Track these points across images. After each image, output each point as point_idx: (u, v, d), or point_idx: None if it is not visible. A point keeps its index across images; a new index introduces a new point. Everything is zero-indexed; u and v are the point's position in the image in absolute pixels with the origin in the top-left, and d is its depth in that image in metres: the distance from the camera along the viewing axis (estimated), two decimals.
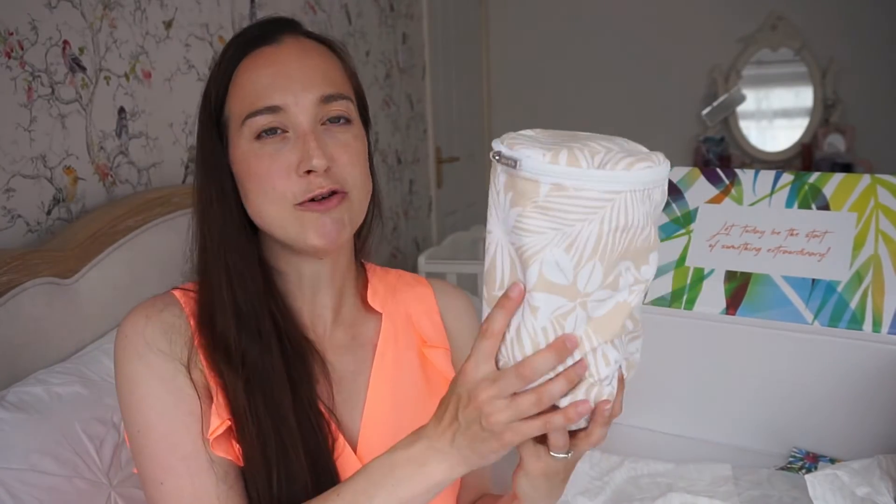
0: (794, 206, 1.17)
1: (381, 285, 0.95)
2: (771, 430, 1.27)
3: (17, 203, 1.28)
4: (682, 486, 1.18)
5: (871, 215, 1.12)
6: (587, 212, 0.60)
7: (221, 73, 0.82)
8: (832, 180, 1.17)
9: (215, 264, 0.82)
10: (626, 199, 0.61)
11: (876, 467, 1.03)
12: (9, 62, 1.26)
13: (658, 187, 0.63)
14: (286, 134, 0.79)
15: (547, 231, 0.61)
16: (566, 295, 0.62)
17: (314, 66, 0.81)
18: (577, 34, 3.78)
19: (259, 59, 0.81)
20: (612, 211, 0.61)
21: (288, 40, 0.82)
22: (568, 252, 0.61)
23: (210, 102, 0.83)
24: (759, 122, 3.68)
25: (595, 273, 0.62)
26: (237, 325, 0.80)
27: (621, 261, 0.63)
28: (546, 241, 0.61)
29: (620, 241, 0.62)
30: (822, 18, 3.44)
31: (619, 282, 0.64)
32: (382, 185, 2.89)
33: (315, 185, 0.78)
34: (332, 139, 0.80)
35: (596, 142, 0.63)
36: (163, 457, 0.76)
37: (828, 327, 1.06)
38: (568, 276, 0.62)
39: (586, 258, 0.61)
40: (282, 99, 0.79)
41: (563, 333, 0.62)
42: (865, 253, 1.09)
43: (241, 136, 0.80)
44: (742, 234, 1.17)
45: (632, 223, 0.62)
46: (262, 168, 0.79)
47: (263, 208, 0.80)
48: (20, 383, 1.09)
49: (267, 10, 2.06)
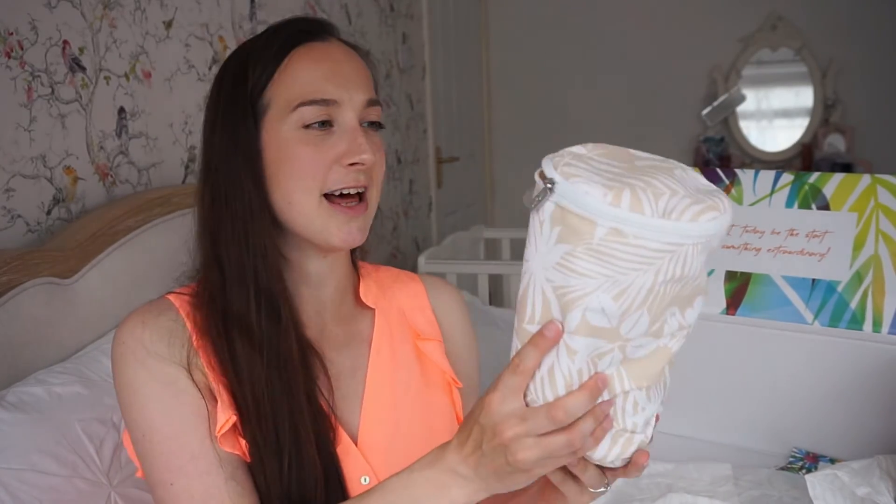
0: (794, 206, 1.17)
1: (374, 282, 0.96)
2: (771, 430, 1.27)
3: (17, 203, 1.28)
4: (681, 487, 1.18)
5: (872, 215, 1.11)
6: (644, 262, 0.56)
7: (269, 59, 0.83)
8: (832, 180, 1.17)
9: (237, 245, 0.81)
10: (686, 252, 0.57)
11: (876, 467, 1.03)
12: (9, 62, 1.26)
13: (719, 235, 0.59)
14: (332, 128, 0.82)
15: (597, 276, 0.57)
16: (607, 337, 0.59)
17: (361, 70, 0.86)
18: (577, 34, 3.78)
19: (313, 51, 0.83)
20: (669, 262, 0.57)
21: (333, 41, 0.86)
22: (616, 300, 0.57)
23: (247, 87, 0.83)
24: (759, 122, 3.68)
25: (641, 321, 0.59)
26: (257, 305, 0.80)
27: (668, 307, 0.60)
28: (595, 286, 0.57)
29: (671, 291, 0.59)
30: (822, 18, 3.44)
31: (664, 329, 0.61)
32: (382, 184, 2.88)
33: (353, 178, 0.81)
34: (369, 139, 0.83)
35: (658, 178, 0.59)
36: (170, 458, 0.76)
37: (828, 327, 1.06)
38: (612, 321, 0.58)
39: (635, 308, 0.58)
40: (337, 94, 0.81)
41: (595, 373, 0.60)
42: (865, 253, 1.09)
43: (284, 122, 0.81)
44: (742, 234, 1.17)
45: (687, 274, 0.58)
46: (307, 155, 0.80)
47: (295, 197, 0.81)
48: (20, 383, 1.09)
49: (267, 10, 2.07)
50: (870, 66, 3.41)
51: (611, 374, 0.60)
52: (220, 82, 0.85)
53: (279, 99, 0.82)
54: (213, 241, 0.83)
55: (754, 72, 3.59)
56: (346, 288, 0.92)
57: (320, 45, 0.84)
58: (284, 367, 0.80)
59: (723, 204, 0.58)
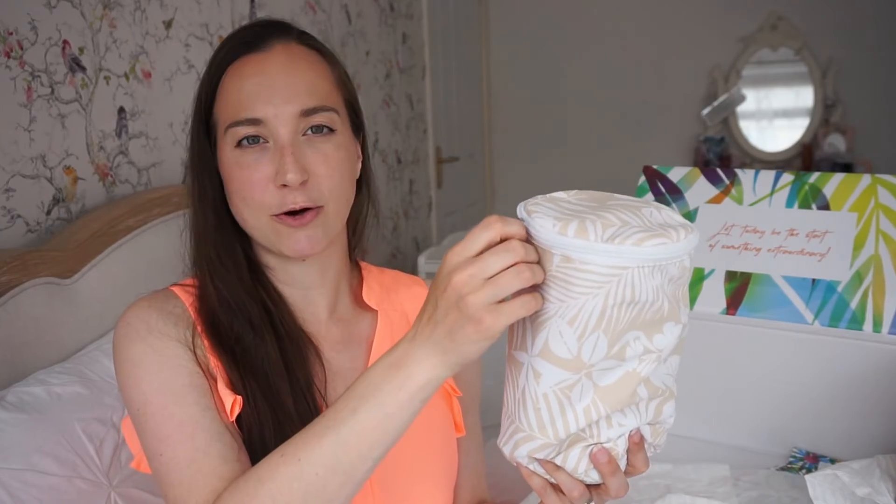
0: (795, 206, 1.17)
1: (377, 284, 0.95)
2: (771, 430, 1.27)
3: (17, 203, 1.28)
4: (680, 488, 1.18)
5: (872, 215, 1.11)
6: (592, 286, 0.60)
7: (210, 77, 0.85)
8: (832, 180, 1.17)
9: (200, 259, 0.85)
10: (632, 275, 0.60)
11: (876, 467, 1.03)
12: (8, 62, 1.26)
13: (674, 263, 0.62)
14: (267, 144, 0.81)
15: (555, 301, 0.61)
16: (570, 368, 0.62)
17: (300, 77, 0.82)
18: (577, 34, 3.78)
19: (245, 66, 0.82)
20: (617, 286, 0.60)
21: (277, 47, 0.83)
22: (571, 325, 0.61)
23: (200, 103, 0.86)
24: (759, 122, 3.68)
25: (599, 344, 0.62)
26: (228, 315, 0.82)
27: (628, 331, 0.62)
28: (554, 311, 0.61)
29: (626, 314, 0.61)
30: (822, 18, 3.44)
31: (626, 352, 0.63)
32: (382, 185, 2.89)
33: (289, 200, 0.80)
34: (312, 150, 0.81)
35: (618, 213, 0.62)
36: (159, 429, 0.76)
37: (828, 327, 1.06)
38: (572, 349, 0.62)
39: (590, 331, 0.61)
40: (262, 111, 0.80)
41: None
42: (866, 253, 1.09)
43: (224, 142, 0.83)
44: (742, 234, 1.17)
45: (639, 298, 0.61)
46: (242, 176, 0.81)
47: (244, 213, 0.83)
48: (20, 383, 1.09)
49: (267, 11, 2.06)
50: (870, 66, 3.40)
51: (586, 406, 0.63)
52: (194, 100, 0.88)
53: (219, 119, 0.84)
54: (194, 247, 0.86)
55: (754, 72, 3.59)
56: (342, 288, 0.92)
57: (255, 58, 0.82)
58: (262, 370, 0.81)
59: (677, 234, 0.61)
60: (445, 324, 0.60)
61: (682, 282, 0.65)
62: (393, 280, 0.98)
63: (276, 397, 0.79)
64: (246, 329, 0.82)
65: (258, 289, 0.85)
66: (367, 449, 0.64)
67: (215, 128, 0.84)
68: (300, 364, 0.83)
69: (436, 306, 0.61)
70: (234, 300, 0.83)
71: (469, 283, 0.58)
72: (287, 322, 0.85)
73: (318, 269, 0.88)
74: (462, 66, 3.64)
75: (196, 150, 0.86)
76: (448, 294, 0.59)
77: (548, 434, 0.65)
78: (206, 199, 0.85)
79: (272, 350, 0.81)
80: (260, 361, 0.81)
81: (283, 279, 0.88)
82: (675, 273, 0.63)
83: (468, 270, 0.58)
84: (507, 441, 0.69)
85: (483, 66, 3.91)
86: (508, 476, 0.74)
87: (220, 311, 0.82)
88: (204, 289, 0.84)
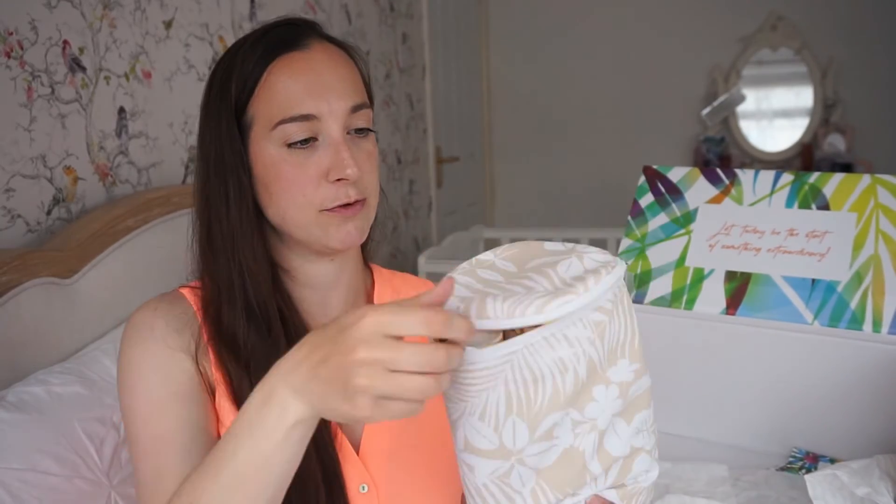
0: (794, 206, 1.17)
1: (388, 287, 0.95)
2: (771, 430, 1.27)
3: (17, 203, 1.28)
4: (679, 488, 1.18)
5: (871, 215, 1.11)
6: (487, 380, 0.57)
7: (248, 73, 0.81)
8: (832, 180, 1.17)
9: (226, 262, 0.82)
10: (523, 356, 0.56)
11: (875, 467, 1.03)
12: (9, 62, 1.26)
13: (574, 324, 0.57)
14: (316, 142, 0.80)
15: (457, 402, 0.59)
16: (498, 457, 0.59)
17: (344, 75, 0.82)
18: (576, 34, 3.78)
19: (291, 64, 0.81)
20: (512, 371, 0.56)
21: (316, 45, 0.83)
22: (483, 420, 0.58)
23: (230, 100, 0.82)
24: (759, 122, 3.68)
25: (518, 429, 0.58)
26: (247, 321, 0.80)
27: (551, 413, 0.58)
28: (460, 412, 0.59)
29: (537, 394, 0.57)
30: (822, 18, 3.44)
31: (555, 431, 0.60)
32: (383, 184, 2.88)
33: (343, 194, 0.80)
34: (357, 149, 0.82)
35: (527, 279, 0.59)
36: (137, 436, 0.77)
37: (828, 327, 1.06)
38: (493, 440, 0.58)
39: (503, 419, 0.58)
40: (316, 108, 0.79)
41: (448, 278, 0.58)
42: (865, 253, 1.09)
43: (268, 139, 0.80)
44: (742, 234, 1.17)
45: (543, 372, 0.57)
46: (292, 174, 0.80)
47: (290, 213, 0.81)
48: (20, 383, 1.09)
49: (267, 10, 2.06)
50: (870, 66, 3.41)
51: (532, 490, 0.60)
52: (209, 91, 0.84)
53: (261, 116, 0.81)
54: (204, 252, 0.84)
55: (754, 72, 3.59)
56: (357, 290, 0.92)
57: (300, 55, 0.81)
58: None
59: (585, 285, 0.57)
60: (324, 383, 0.56)
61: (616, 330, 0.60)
62: (403, 283, 0.98)
63: None
64: (262, 337, 0.80)
65: (277, 296, 0.84)
66: (254, 492, 0.60)
67: (250, 125, 0.82)
68: None
69: (325, 360, 0.56)
70: (258, 305, 0.81)
71: (371, 369, 0.53)
72: (300, 328, 0.84)
73: (338, 268, 0.88)
74: (462, 66, 3.64)
75: (228, 147, 0.82)
76: (343, 362, 0.54)
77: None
78: (243, 198, 0.82)
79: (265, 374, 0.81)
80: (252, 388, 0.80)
81: (303, 280, 0.87)
82: (579, 334, 0.58)
83: (378, 354, 0.53)
84: None
85: (483, 66, 3.91)
86: None
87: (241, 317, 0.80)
88: (220, 292, 0.82)
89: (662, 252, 1.20)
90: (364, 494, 0.82)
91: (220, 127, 0.82)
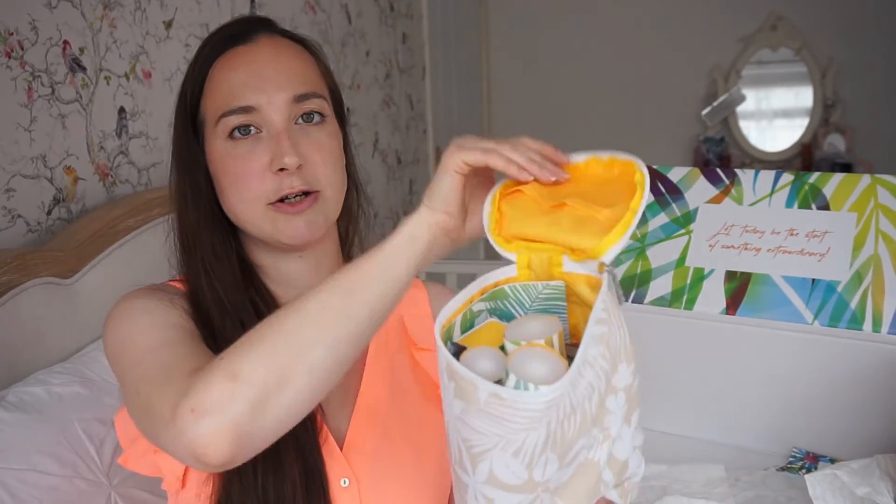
0: (794, 206, 1.17)
1: None
2: (771, 430, 1.27)
3: (17, 203, 1.28)
4: (676, 489, 1.18)
5: (871, 215, 1.11)
6: (532, 420, 0.54)
7: (196, 72, 0.84)
8: (832, 180, 1.17)
9: (192, 260, 0.84)
10: (568, 394, 0.56)
11: (875, 467, 1.03)
12: (9, 62, 1.26)
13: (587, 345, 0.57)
14: (259, 133, 0.81)
15: (492, 435, 0.56)
16: (524, 490, 0.57)
17: (288, 66, 0.82)
18: (576, 34, 3.78)
19: (233, 58, 0.82)
20: (557, 410, 0.55)
21: (262, 39, 0.83)
22: (516, 457, 0.56)
23: (186, 100, 0.84)
24: (759, 122, 3.68)
25: (549, 464, 0.57)
26: (220, 315, 0.81)
27: (578, 440, 0.58)
28: (492, 444, 0.56)
29: (571, 426, 0.57)
30: (822, 18, 3.44)
31: (580, 455, 0.59)
32: (382, 185, 2.89)
33: (286, 185, 0.79)
34: (305, 138, 0.81)
35: None
36: (141, 368, 0.71)
37: (828, 327, 1.06)
38: (521, 476, 0.56)
39: (538, 455, 0.56)
40: (255, 99, 0.80)
41: None
42: (865, 253, 1.09)
43: (215, 135, 0.82)
44: (742, 234, 1.17)
45: (579, 403, 0.57)
46: (236, 167, 0.80)
47: (238, 207, 0.81)
48: (20, 383, 1.09)
49: (267, 11, 2.06)
50: (870, 66, 3.41)
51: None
52: (178, 95, 0.86)
53: (208, 112, 0.82)
54: (185, 246, 0.85)
55: (754, 72, 3.59)
56: None
57: (243, 49, 0.82)
58: None
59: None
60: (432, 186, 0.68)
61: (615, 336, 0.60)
62: None
63: None
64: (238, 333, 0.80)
65: (250, 290, 0.84)
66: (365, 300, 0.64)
67: (203, 123, 0.83)
68: None
69: None
70: (229, 301, 0.81)
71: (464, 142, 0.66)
72: None
73: (312, 267, 0.87)
74: (462, 66, 3.64)
75: (184, 145, 0.84)
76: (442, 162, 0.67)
77: None
78: (199, 195, 0.83)
79: None
80: None
81: (276, 278, 0.87)
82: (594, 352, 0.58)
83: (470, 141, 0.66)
84: None
85: (483, 66, 3.91)
86: None
87: (214, 312, 0.81)
88: (196, 290, 0.83)
89: (662, 252, 1.20)
90: (345, 489, 0.81)
91: (178, 127, 0.85)
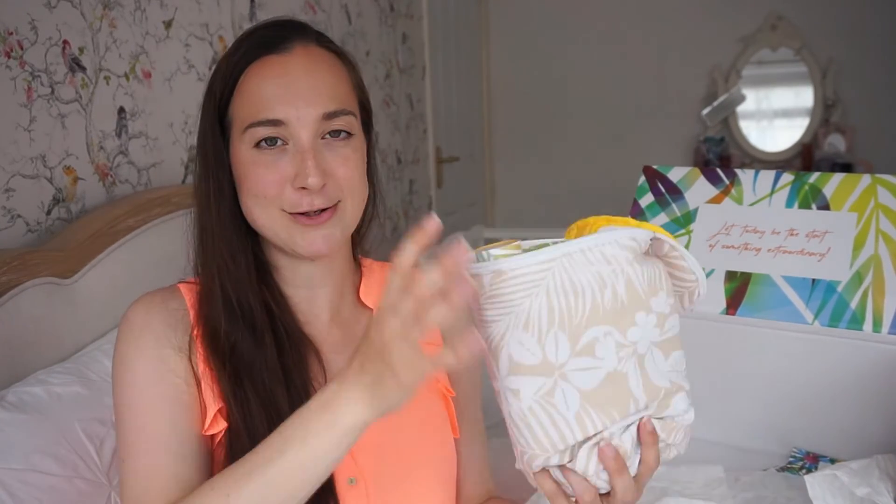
0: (794, 206, 1.17)
1: (376, 282, 0.95)
2: (771, 430, 1.27)
3: (17, 203, 1.28)
4: (676, 490, 1.17)
5: (872, 215, 1.11)
6: (529, 287, 0.62)
7: (228, 75, 0.83)
8: (832, 180, 1.17)
9: (208, 258, 0.84)
10: (563, 265, 0.62)
11: (875, 467, 1.03)
12: (8, 62, 1.26)
13: (609, 244, 0.64)
14: (286, 146, 0.81)
15: (501, 318, 0.63)
16: (541, 372, 0.63)
17: (321, 81, 0.82)
18: (576, 34, 3.78)
19: (267, 67, 0.81)
20: (553, 278, 0.62)
21: (298, 49, 0.82)
22: (527, 330, 0.62)
23: (215, 100, 0.84)
24: (759, 122, 3.68)
25: (560, 342, 0.63)
26: (228, 318, 0.81)
27: (591, 326, 0.63)
28: (504, 327, 0.63)
29: (578, 306, 0.63)
30: (822, 18, 3.44)
31: (596, 348, 0.63)
32: (382, 185, 2.88)
33: (307, 203, 0.80)
34: (331, 152, 0.81)
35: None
36: (129, 434, 0.77)
37: (828, 327, 1.06)
38: (535, 353, 0.63)
39: (545, 330, 0.62)
40: (284, 113, 0.79)
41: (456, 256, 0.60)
42: (865, 253, 1.09)
43: (241, 140, 0.82)
44: (742, 234, 1.17)
45: (583, 285, 0.63)
46: (258, 176, 0.80)
47: (255, 211, 0.82)
48: (20, 383, 1.09)
49: (267, 10, 2.06)
50: (870, 66, 3.40)
51: (577, 414, 0.64)
52: (206, 91, 0.86)
53: (236, 118, 0.82)
54: (204, 245, 0.85)
55: (754, 72, 3.59)
56: (345, 289, 0.92)
57: (277, 59, 0.81)
58: (260, 375, 0.80)
59: None
60: (372, 368, 0.61)
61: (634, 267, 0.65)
62: None
63: (272, 403, 0.79)
64: (246, 333, 0.81)
65: (263, 290, 0.85)
66: (293, 489, 0.65)
67: (230, 125, 0.84)
68: (299, 368, 0.83)
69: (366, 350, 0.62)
70: (239, 302, 0.82)
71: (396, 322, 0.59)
72: (288, 324, 0.85)
73: (324, 268, 0.88)
74: (462, 66, 3.64)
75: (210, 146, 0.84)
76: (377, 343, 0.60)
77: (546, 447, 0.65)
78: (222, 197, 0.84)
79: (271, 355, 0.81)
80: (258, 367, 0.80)
81: (290, 279, 0.88)
82: (617, 254, 0.64)
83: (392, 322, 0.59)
84: (520, 463, 0.69)
85: (483, 66, 3.91)
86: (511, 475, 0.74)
87: (223, 313, 0.82)
88: (208, 289, 0.84)
89: None
90: (352, 487, 0.82)
91: (205, 126, 0.85)
